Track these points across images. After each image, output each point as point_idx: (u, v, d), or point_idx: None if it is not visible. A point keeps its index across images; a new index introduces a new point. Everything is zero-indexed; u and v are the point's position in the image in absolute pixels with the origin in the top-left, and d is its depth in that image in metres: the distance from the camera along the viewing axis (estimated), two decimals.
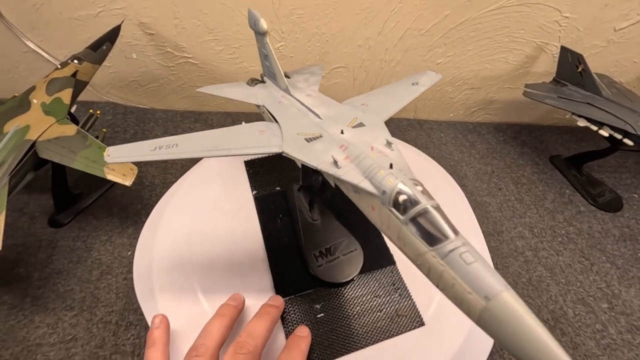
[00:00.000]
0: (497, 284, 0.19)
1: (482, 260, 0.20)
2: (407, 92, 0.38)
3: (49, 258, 0.45)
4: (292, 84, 0.41)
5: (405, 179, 0.23)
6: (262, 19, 0.37)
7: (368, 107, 0.36)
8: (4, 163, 0.38)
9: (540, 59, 0.63)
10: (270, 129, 0.33)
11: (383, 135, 0.30)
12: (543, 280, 0.47)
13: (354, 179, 0.26)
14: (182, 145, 0.30)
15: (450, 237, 0.21)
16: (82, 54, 0.46)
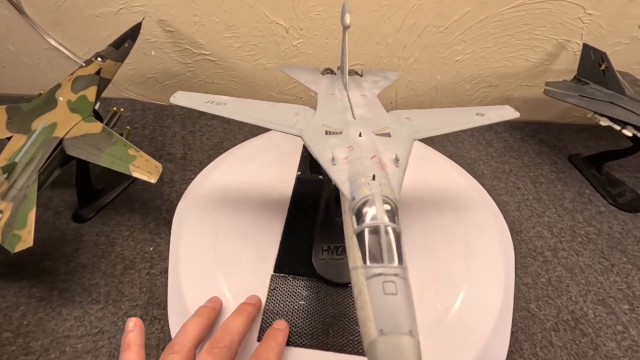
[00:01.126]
0: (401, 324, 0.18)
1: (405, 297, 0.19)
2: (465, 119, 0.35)
3: (74, 252, 0.45)
4: (357, 81, 0.41)
5: (377, 194, 0.23)
6: (347, 14, 0.36)
7: (411, 121, 0.35)
8: (33, 159, 0.39)
9: (561, 57, 0.62)
10: (305, 114, 0.35)
11: (398, 151, 0.29)
12: (563, 281, 0.47)
13: (339, 179, 0.26)
14: (228, 105, 0.36)
15: (384, 261, 0.20)
16: (105, 51, 0.46)
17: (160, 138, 0.60)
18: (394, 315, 0.18)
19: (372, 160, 0.27)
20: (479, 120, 0.35)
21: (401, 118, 0.35)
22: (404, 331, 0.18)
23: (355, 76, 0.42)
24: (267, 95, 0.67)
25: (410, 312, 0.19)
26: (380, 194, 0.23)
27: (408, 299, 0.19)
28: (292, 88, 0.66)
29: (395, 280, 0.19)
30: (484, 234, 0.45)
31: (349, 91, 0.39)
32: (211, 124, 0.65)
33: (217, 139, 0.61)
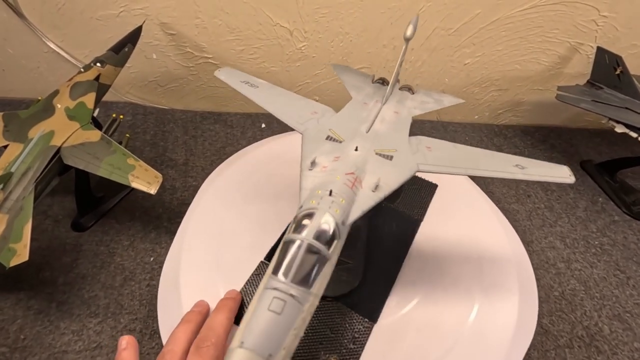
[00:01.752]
0: (264, 345, 0.16)
1: (287, 321, 0.18)
2: (496, 166, 0.30)
3: (74, 262, 0.44)
4: (403, 97, 0.40)
5: (323, 210, 0.21)
6: (411, 26, 0.34)
7: (429, 152, 0.31)
8: (29, 170, 0.37)
9: (574, 60, 0.60)
10: (322, 115, 0.34)
11: (387, 177, 0.27)
12: (577, 294, 0.45)
13: (304, 185, 0.25)
14: (259, 89, 0.38)
15: (287, 278, 0.19)
16: (104, 56, 0.45)
17: (162, 143, 0.59)
18: (263, 334, 0.17)
19: (346, 177, 0.25)
20: (516, 173, 0.29)
21: (420, 145, 0.33)
22: (262, 353, 0.16)
23: (405, 92, 0.41)
24: None
25: (281, 338, 0.17)
26: (327, 211, 0.21)
27: (289, 323, 0.18)
28: (297, 92, 0.64)
29: (287, 301, 0.18)
30: (481, 218, 0.45)
31: (385, 104, 0.37)
32: (213, 128, 0.63)
33: (219, 144, 0.60)
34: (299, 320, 0.18)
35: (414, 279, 0.39)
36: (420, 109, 0.39)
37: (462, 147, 0.33)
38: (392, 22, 0.55)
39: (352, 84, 0.41)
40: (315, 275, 0.19)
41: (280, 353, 0.17)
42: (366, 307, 0.37)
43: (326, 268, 0.20)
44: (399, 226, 0.43)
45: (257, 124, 0.65)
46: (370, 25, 0.56)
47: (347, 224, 0.22)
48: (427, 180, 0.49)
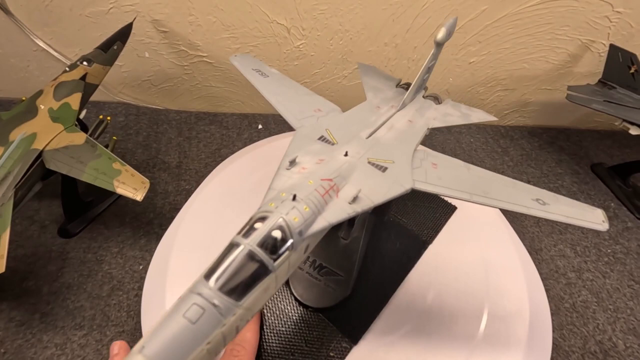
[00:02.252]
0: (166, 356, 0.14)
1: (199, 332, 0.15)
2: (510, 197, 0.26)
3: (59, 271, 0.42)
4: (424, 106, 0.37)
5: (277, 215, 0.19)
6: (443, 29, 0.32)
7: (432, 169, 0.28)
8: (9, 174, 0.35)
9: (585, 58, 0.57)
10: (325, 113, 0.33)
11: (370, 190, 0.24)
12: (589, 307, 0.43)
13: (274, 184, 0.23)
14: (268, 79, 0.36)
15: (215, 284, 0.16)
16: (91, 55, 0.43)
17: (155, 145, 0.57)
18: (169, 343, 0.14)
19: (320, 182, 0.22)
20: (533, 209, 0.25)
21: (425, 160, 0.30)
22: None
23: (430, 101, 0.38)
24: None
25: (187, 351, 0.15)
26: (282, 217, 0.19)
27: (202, 336, 0.15)
28: None
29: (207, 310, 0.15)
30: (501, 254, 0.40)
31: (400, 111, 0.35)
32: (208, 129, 0.61)
33: (214, 146, 0.58)
34: (215, 335, 0.15)
35: (409, 305, 0.35)
36: (441, 122, 0.35)
37: (476, 169, 0.29)
38: (394, 19, 0.53)
39: (372, 85, 0.39)
40: (249, 288, 0.17)
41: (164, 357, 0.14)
42: (349, 325, 0.34)
43: (268, 282, 0.18)
44: (404, 245, 0.40)
45: (253, 125, 0.62)
46: (371, 23, 0.53)
47: (307, 235, 0.19)
48: (446, 201, 0.44)
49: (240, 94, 0.63)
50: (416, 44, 0.56)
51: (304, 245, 0.20)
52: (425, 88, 0.40)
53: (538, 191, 0.28)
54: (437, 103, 0.38)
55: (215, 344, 0.16)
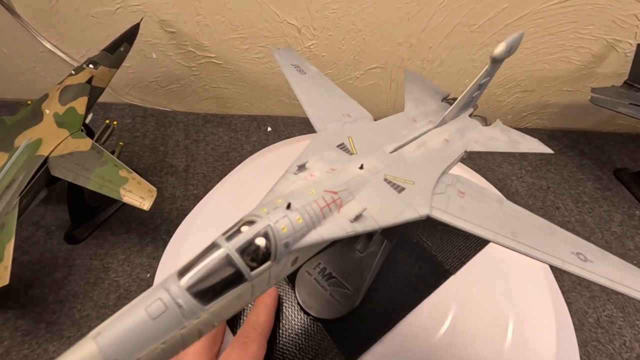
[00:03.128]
0: (117, 347, 0.14)
1: (156, 329, 0.14)
2: (539, 243, 0.23)
3: (65, 278, 0.42)
4: (467, 126, 0.34)
5: (265, 221, 0.18)
6: (502, 44, 0.29)
7: (458, 198, 0.26)
8: (14, 182, 0.34)
9: (610, 59, 0.55)
10: (353, 120, 0.31)
11: (377, 212, 0.22)
12: (614, 322, 0.41)
13: (276, 188, 0.22)
14: (304, 76, 0.34)
15: (179, 281, 0.15)
16: (97, 57, 0.42)
17: (162, 148, 0.56)
18: (123, 334, 0.14)
19: (323, 194, 0.21)
20: (569, 264, 0.22)
21: (452, 187, 0.27)
22: (107, 355, 0.13)
23: (476, 121, 0.35)
24: (277, 100, 0.62)
25: (140, 347, 0.14)
26: (270, 225, 0.17)
27: (159, 335, 0.14)
28: None
29: (169, 309, 0.15)
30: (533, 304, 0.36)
31: (437, 128, 0.32)
32: (216, 132, 0.60)
33: (222, 149, 0.57)
34: (173, 336, 0.15)
35: (416, 335, 0.33)
36: (483, 146, 0.32)
37: (511, 206, 0.26)
38: (409, 18, 0.51)
39: (415, 96, 0.36)
40: (219, 294, 0.16)
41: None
42: (348, 342, 0.32)
43: (241, 291, 0.16)
44: (423, 270, 0.37)
45: (262, 127, 0.61)
46: (384, 22, 0.51)
47: (294, 248, 0.18)
48: None
49: (248, 95, 0.61)
50: (431, 44, 0.53)
51: (290, 258, 0.19)
52: (475, 106, 0.37)
53: (581, 243, 0.24)
54: (484, 124, 0.35)
55: (172, 345, 0.15)
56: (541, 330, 0.34)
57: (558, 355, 0.33)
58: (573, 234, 0.25)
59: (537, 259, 0.22)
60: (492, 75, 0.33)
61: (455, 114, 0.34)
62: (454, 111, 0.33)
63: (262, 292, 0.18)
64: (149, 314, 0.14)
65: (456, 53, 0.54)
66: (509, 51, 0.29)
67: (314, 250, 0.22)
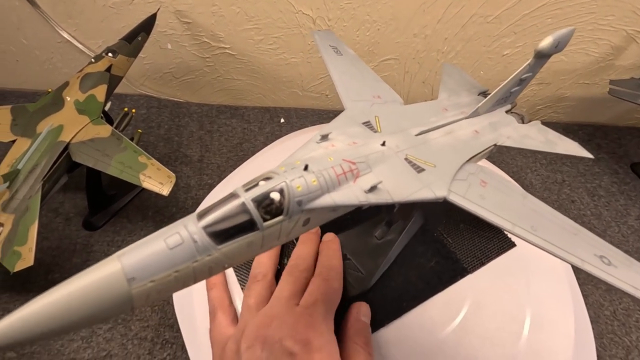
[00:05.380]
0: (136, 267, 0.15)
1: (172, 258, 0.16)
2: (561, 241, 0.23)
3: (84, 264, 0.42)
4: (501, 121, 0.33)
5: (279, 179, 0.19)
6: (549, 37, 0.28)
7: (481, 187, 0.25)
8: (37, 166, 0.35)
9: (629, 50, 0.54)
10: (383, 102, 0.31)
11: (393, 186, 0.22)
12: (631, 315, 0.41)
13: (295, 153, 0.22)
14: (340, 58, 0.35)
15: (202, 220, 0.17)
16: (116, 46, 0.42)
17: (177, 138, 0.57)
18: (144, 258, 0.15)
19: (341, 162, 0.21)
20: (591, 265, 0.22)
21: (475, 176, 0.26)
22: (128, 272, 0.15)
23: (512, 117, 0.34)
24: (290, 92, 0.62)
25: (156, 270, 0.15)
26: (286, 182, 0.18)
27: (174, 263, 0.16)
28: (318, 85, 0.61)
29: (185, 242, 0.16)
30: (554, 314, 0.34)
31: (468, 119, 0.31)
32: (230, 123, 0.60)
33: (236, 140, 0.57)
34: (185, 267, 0.16)
35: (422, 328, 0.32)
36: (516, 142, 0.31)
37: (534, 202, 0.25)
38: (425, 9, 0.50)
39: (450, 87, 0.36)
40: (232, 237, 0.17)
41: (146, 283, 0.15)
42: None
43: (252, 238, 0.18)
44: (439, 265, 0.36)
45: (275, 118, 0.61)
46: (400, 13, 0.51)
47: (306, 208, 0.19)
48: (505, 234, 0.38)
49: (262, 87, 0.61)
50: (447, 35, 0.53)
51: (302, 217, 0.19)
52: (514, 104, 0.36)
53: (607, 247, 0.23)
54: (520, 122, 0.34)
55: (184, 275, 0.16)
56: (558, 345, 0.33)
57: None
58: (598, 238, 0.24)
59: (556, 255, 0.22)
60: (536, 72, 0.32)
61: (490, 108, 0.33)
62: (488, 104, 0.32)
63: (271, 246, 0.19)
64: (167, 244, 0.15)
65: (471, 45, 0.54)
66: (555, 46, 0.28)
67: (327, 216, 0.22)
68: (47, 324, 0.13)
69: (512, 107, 0.36)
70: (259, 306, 0.29)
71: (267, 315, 0.27)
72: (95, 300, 0.14)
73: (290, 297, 0.29)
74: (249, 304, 0.29)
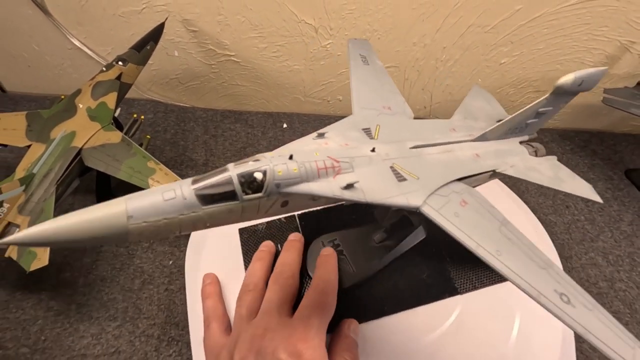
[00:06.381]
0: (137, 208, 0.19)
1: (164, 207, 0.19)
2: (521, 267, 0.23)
3: (94, 263, 0.44)
4: (512, 149, 0.33)
5: (264, 162, 0.21)
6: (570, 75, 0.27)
7: (459, 206, 0.26)
8: (51, 171, 0.37)
9: (623, 60, 0.55)
10: (391, 114, 0.32)
11: (367, 186, 0.24)
12: (621, 318, 0.42)
13: (289, 145, 0.25)
14: (364, 67, 0.36)
15: (191, 185, 0.20)
16: (126, 54, 0.44)
17: (182, 142, 0.58)
18: (144, 203, 0.19)
19: (325, 158, 0.23)
20: (547, 300, 0.22)
21: (457, 194, 0.27)
22: (129, 210, 0.18)
23: (524, 147, 0.33)
24: (293, 98, 0.64)
25: (151, 214, 0.19)
26: (269, 166, 0.21)
27: (165, 211, 0.19)
28: (319, 91, 0.62)
29: (177, 197, 0.19)
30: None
31: (472, 142, 0.31)
32: (234, 127, 0.62)
33: (240, 144, 0.59)
34: (173, 217, 0.19)
35: (400, 332, 0.33)
36: (518, 172, 0.31)
37: (512, 232, 0.25)
38: (424, 19, 0.52)
39: (468, 110, 0.36)
40: (215, 202, 0.20)
41: (140, 223, 0.19)
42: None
43: (232, 207, 0.21)
44: (431, 279, 0.37)
45: (278, 124, 0.63)
46: (399, 22, 0.52)
47: (283, 191, 0.22)
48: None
49: (265, 92, 0.63)
50: (446, 44, 0.55)
51: (280, 198, 0.22)
52: (533, 135, 0.35)
53: (573, 288, 0.23)
54: (533, 153, 0.33)
55: (171, 223, 0.19)
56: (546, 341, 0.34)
57: None
58: (571, 280, 0.24)
59: (514, 282, 0.22)
60: (557, 107, 0.30)
61: (501, 135, 0.32)
62: (497, 131, 0.31)
63: (251, 218, 0.22)
64: (163, 197, 0.19)
65: (469, 53, 0.55)
66: (579, 84, 0.27)
67: (307, 203, 0.24)
68: (65, 236, 0.17)
69: (531, 139, 0.35)
70: (250, 316, 0.30)
71: (260, 326, 0.28)
72: (102, 226, 0.18)
73: (279, 306, 0.30)
74: (241, 314, 0.31)
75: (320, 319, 0.29)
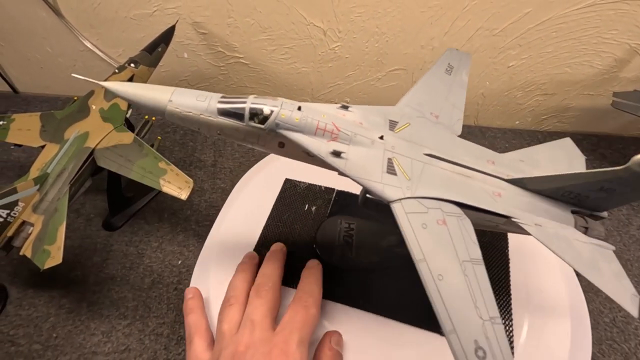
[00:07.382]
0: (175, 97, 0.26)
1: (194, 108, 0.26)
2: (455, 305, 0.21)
3: (104, 262, 0.45)
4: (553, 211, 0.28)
5: (276, 104, 0.26)
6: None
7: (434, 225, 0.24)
8: (64, 171, 0.38)
9: (633, 63, 0.55)
10: (437, 122, 0.32)
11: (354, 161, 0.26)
12: (630, 322, 0.41)
13: (311, 104, 0.28)
14: (442, 76, 0.37)
15: (217, 99, 0.26)
16: (138, 57, 0.45)
17: (191, 143, 0.59)
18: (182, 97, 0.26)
19: (329, 124, 0.26)
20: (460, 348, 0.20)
21: (439, 211, 0.25)
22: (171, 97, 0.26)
23: (574, 218, 0.29)
24: (301, 100, 0.63)
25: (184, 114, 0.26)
26: (279, 108, 0.25)
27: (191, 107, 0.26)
28: (327, 93, 0.63)
29: (205, 102, 0.26)
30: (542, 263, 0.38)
31: (505, 182, 0.28)
32: None
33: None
34: (195, 113, 0.26)
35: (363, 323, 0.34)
36: (540, 236, 0.26)
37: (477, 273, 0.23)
38: (432, 22, 0.52)
39: (533, 156, 0.32)
40: (228, 116, 0.26)
41: (174, 107, 0.25)
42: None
43: (238, 125, 0.26)
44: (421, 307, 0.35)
45: None
46: (408, 25, 0.53)
47: (279, 132, 0.25)
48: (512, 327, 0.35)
49: (273, 94, 0.63)
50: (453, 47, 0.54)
51: (277, 138, 0.26)
52: (597, 217, 0.29)
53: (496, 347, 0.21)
54: (582, 230, 0.28)
55: (193, 117, 0.26)
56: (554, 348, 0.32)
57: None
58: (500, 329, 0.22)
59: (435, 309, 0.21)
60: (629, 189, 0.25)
61: (547, 191, 0.28)
62: (541, 183, 0.27)
63: (253, 144, 0.27)
64: (195, 97, 0.26)
65: (478, 56, 0.55)
66: None
67: (302, 155, 0.27)
68: (134, 97, 0.25)
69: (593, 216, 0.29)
70: (231, 331, 0.30)
71: (242, 342, 0.29)
72: (154, 98, 0.25)
73: (261, 320, 0.30)
74: (222, 329, 0.31)
75: (302, 333, 0.29)
